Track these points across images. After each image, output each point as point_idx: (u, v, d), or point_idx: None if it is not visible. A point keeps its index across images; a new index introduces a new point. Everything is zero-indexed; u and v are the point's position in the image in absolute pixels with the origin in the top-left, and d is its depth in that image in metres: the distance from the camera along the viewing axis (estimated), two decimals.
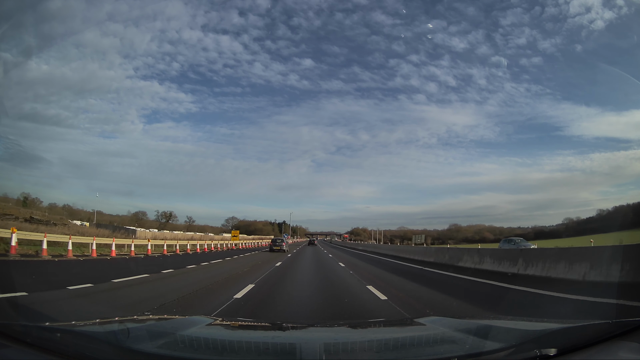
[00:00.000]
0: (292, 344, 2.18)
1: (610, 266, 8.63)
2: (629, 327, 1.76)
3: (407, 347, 2.17)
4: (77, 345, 1.74)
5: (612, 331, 1.76)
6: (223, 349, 2.04)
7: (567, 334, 2.00)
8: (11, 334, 1.76)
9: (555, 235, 63.46)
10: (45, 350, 1.65)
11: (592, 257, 9.54)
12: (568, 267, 10.09)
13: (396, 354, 2.02)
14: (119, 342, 1.88)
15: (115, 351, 1.74)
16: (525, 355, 1.60)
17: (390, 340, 2.36)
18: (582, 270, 9.56)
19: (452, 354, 1.80)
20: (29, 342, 1.70)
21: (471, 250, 17.81)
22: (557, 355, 1.57)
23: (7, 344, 1.65)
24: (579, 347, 1.66)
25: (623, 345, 1.65)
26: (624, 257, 8.34)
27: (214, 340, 2.23)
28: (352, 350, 2.12)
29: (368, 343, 2.30)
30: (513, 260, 12.88)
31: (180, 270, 14.26)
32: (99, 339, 1.94)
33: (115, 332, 2.14)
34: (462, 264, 16.58)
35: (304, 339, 2.43)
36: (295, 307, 7.37)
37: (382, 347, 2.15)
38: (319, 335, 2.56)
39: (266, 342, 2.30)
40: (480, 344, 1.94)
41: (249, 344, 2.21)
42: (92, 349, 1.69)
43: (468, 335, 2.18)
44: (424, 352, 2.03)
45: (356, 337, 2.52)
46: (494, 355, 1.64)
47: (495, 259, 14.28)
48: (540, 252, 12.78)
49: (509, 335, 2.11)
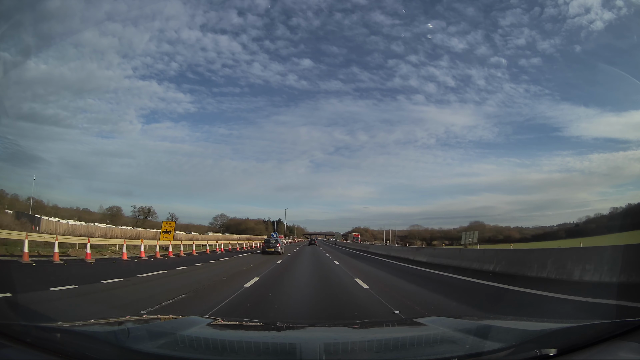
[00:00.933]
0: (292, 344, 2.18)
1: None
2: (629, 327, 1.76)
3: (407, 347, 2.17)
4: (77, 345, 1.74)
5: (612, 331, 1.76)
6: (223, 349, 2.04)
7: (567, 334, 2.00)
8: (11, 334, 1.76)
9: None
10: (45, 350, 1.64)
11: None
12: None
13: (396, 354, 2.02)
14: (119, 342, 1.88)
15: (115, 351, 1.74)
16: (525, 355, 1.60)
17: (390, 340, 2.35)
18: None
19: (452, 354, 1.80)
20: (28, 342, 1.70)
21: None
22: (557, 355, 1.57)
23: (7, 344, 1.65)
24: (579, 347, 1.66)
25: (623, 345, 1.65)
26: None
27: (214, 340, 2.22)
28: (352, 350, 2.12)
29: (368, 343, 2.30)
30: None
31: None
32: (99, 339, 1.94)
33: (115, 332, 2.14)
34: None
35: (304, 339, 2.42)
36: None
37: (382, 347, 2.15)
38: (319, 335, 2.56)
39: (266, 342, 2.30)
40: (480, 344, 1.94)
41: (249, 344, 2.21)
42: (92, 349, 1.69)
43: (468, 335, 2.18)
44: (424, 352, 2.03)
45: (356, 337, 2.52)
46: (494, 355, 1.64)
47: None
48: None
49: (509, 335, 2.11)
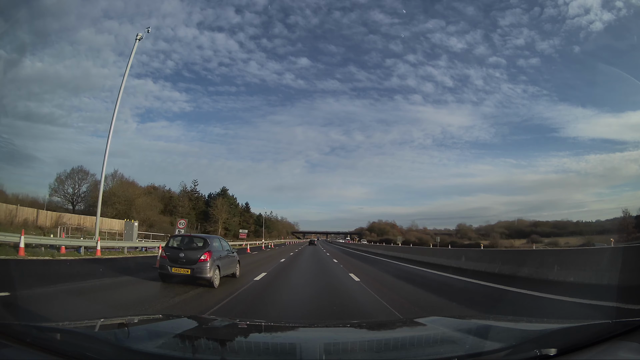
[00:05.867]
0: (292, 344, 2.18)
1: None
2: (629, 327, 1.76)
3: (407, 347, 2.17)
4: (77, 345, 1.74)
5: (612, 331, 1.76)
6: (223, 349, 2.04)
7: (567, 334, 2.00)
8: (11, 334, 1.76)
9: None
10: (45, 350, 1.65)
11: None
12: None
13: (396, 354, 2.02)
14: (118, 342, 1.88)
15: (115, 351, 1.74)
16: (525, 355, 1.60)
17: (390, 340, 2.36)
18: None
19: (452, 354, 1.80)
20: (29, 342, 1.70)
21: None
22: (557, 355, 1.57)
23: (7, 344, 1.65)
24: (579, 347, 1.66)
25: (623, 345, 1.65)
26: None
27: (214, 340, 2.23)
28: (352, 350, 2.12)
29: (368, 343, 2.30)
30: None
31: None
32: (99, 339, 1.94)
33: (115, 332, 2.14)
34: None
35: (304, 339, 2.42)
36: None
37: (382, 347, 2.15)
38: (319, 335, 2.56)
39: (266, 342, 2.30)
40: (480, 344, 1.94)
41: (249, 344, 2.21)
42: (92, 349, 1.69)
43: (468, 335, 2.18)
44: (424, 352, 2.03)
45: (356, 337, 2.52)
46: (494, 355, 1.64)
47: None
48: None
49: (509, 335, 2.11)
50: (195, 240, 10.30)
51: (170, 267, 9.42)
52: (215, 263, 9.58)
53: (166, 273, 9.47)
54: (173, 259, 9.52)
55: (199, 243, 10.09)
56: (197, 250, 9.67)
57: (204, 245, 9.89)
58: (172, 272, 9.37)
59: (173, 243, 10.45)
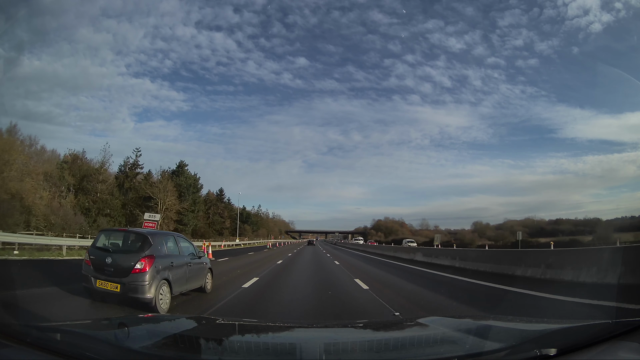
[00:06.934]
0: (292, 344, 2.18)
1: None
2: (629, 327, 1.76)
3: (407, 347, 2.17)
4: (77, 345, 1.74)
5: (612, 331, 1.76)
6: (223, 349, 2.05)
7: (567, 334, 2.00)
8: (11, 334, 1.76)
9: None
10: (45, 350, 1.65)
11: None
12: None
13: (396, 354, 2.02)
14: (118, 342, 1.89)
15: (115, 351, 1.74)
16: (525, 355, 1.60)
17: (390, 340, 2.36)
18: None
19: (452, 354, 1.80)
20: (29, 342, 1.70)
21: None
22: (557, 355, 1.57)
23: (7, 344, 1.65)
24: (579, 347, 1.66)
25: (623, 345, 1.65)
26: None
27: (214, 340, 2.23)
28: (352, 350, 2.12)
29: (368, 343, 2.30)
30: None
31: None
32: (99, 339, 1.94)
33: (115, 332, 2.14)
34: None
35: (304, 339, 2.42)
36: None
37: (382, 347, 2.15)
38: (319, 335, 2.55)
39: (266, 342, 2.30)
40: (480, 344, 1.94)
41: (249, 344, 2.21)
42: (92, 349, 1.69)
43: (468, 335, 2.18)
44: (424, 352, 2.03)
45: (356, 337, 2.52)
46: (494, 355, 1.64)
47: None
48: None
49: (509, 335, 2.11)
50: (131, 238, 6.92)
51: (94, 278, 6.20)
52: (160, 275, 6.27)
53: (90, 287, 6.29)
54: (98, 266, 6.28)
55: (136, 243, 6.70)
56: (131, 254, 6.36)
57: (142, 246, 6.45)
58: (97, 286, 6.15)
59: (102, 242, 6.88)
